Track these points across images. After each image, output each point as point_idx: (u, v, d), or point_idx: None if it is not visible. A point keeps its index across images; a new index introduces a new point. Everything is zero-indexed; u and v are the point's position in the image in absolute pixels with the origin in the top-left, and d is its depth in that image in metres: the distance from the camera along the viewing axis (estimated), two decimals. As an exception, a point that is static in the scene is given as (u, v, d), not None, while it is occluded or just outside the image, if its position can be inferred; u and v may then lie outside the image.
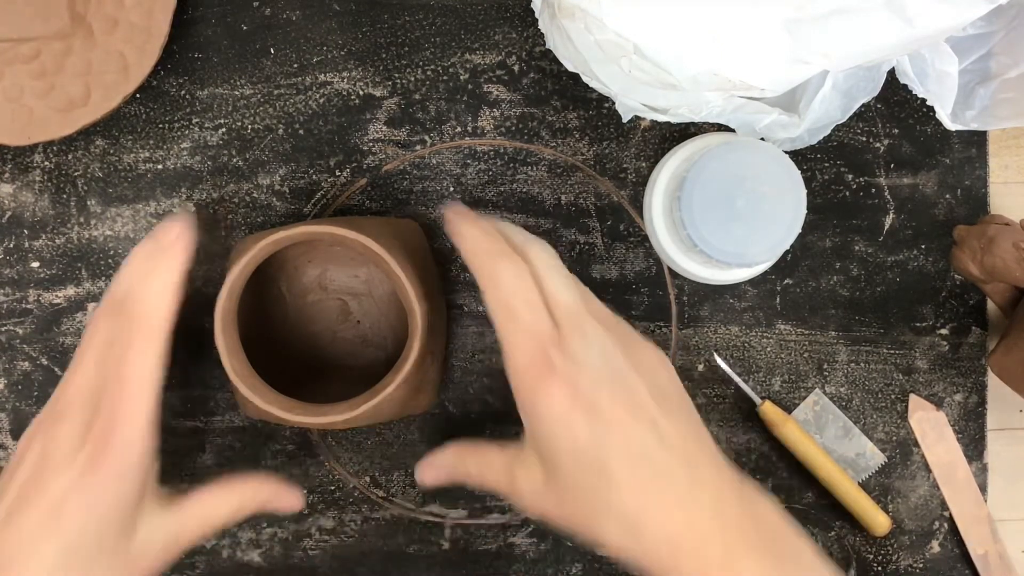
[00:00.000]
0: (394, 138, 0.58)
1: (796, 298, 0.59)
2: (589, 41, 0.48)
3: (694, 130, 0.58)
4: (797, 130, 0.51)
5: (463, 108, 0.58)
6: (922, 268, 0.59)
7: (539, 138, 0.58)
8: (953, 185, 0.59)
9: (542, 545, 0.59)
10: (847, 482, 0.58)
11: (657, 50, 0.46)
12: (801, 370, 0.59)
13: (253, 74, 0.58)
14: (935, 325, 0.60)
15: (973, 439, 0.60)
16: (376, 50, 0.58)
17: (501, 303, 0.45)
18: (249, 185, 0.58)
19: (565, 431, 0.43)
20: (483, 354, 0.59)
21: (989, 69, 0.55)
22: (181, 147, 0.58)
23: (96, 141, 0.58)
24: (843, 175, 0.59)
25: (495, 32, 0.58)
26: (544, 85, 0.58)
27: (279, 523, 0.58)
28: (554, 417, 0.43)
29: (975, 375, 0.60)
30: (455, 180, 0.58)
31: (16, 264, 0.58)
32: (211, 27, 0.58)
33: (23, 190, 0.57)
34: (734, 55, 0.45)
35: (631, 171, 0.59)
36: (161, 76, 0.58)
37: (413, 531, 0.59)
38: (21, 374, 0.58)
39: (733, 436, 0.59)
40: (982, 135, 0.59)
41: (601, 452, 0.43)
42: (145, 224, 0.58)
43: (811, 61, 0.45)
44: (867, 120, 0.59)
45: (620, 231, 0.59)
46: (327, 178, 0.58)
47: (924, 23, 0.44)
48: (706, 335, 0.59)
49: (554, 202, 0.59)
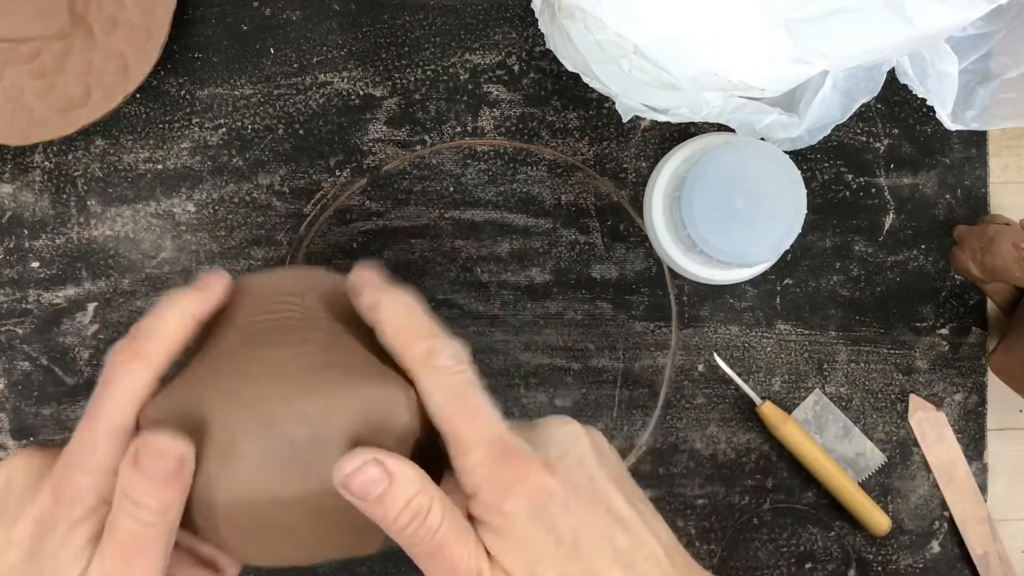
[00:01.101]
0: (394, 138, 0.58)
1: (796, 298, 0.59)
2: (589, 41, 0.48)
3: (694, 130, 0.58)
4: (797, 130, 0.51)
5: (463, 108, 0.58)
6: (922, 268, 0.59)
7: (539, 138, 0.58)
8: (953, 185, 0.59)
9: (542, 545, 0.59)
10: (847, 482, 0.58)
11: (657, 50, 0.46)
12: (801, 370, 0.59)
13: (253, 74, 0.58)
14: (935, 325, 0.60)
15: (973, 439, 0.60)
16: (376, 50, 0.58)
17: (451, 392, 0.38)
18: (249, 185, 0.58)
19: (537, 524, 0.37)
20: (482, 354, 0.59)
21: (989, 69, 0.55)
22: (181, 147, 0.58)
23: (96, 141, 0.58)
24: (843, 175, 0.59)
25: (495, 32, 0.58)
26: (544, 85, 0.58)
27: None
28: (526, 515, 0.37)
29: (975, 375, 0.60)
30: (455, 180, 0.58)
31: (16, 264, 0.58)
32: (211, 27, 0.58)
33: (23, 190, 0.58)
34: (734, 55, 0.45)
35: (631, 171, 0.59)
36: (161, 76, 0.58)
37: (413, 531, 0.59)
38: (21, 374, 0.58)
39: (733, 436, 0.59)
40: (982, 135, 0.59)
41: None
42: (145, 224, 0.58)
43: (811, 61, 0.45)
44: (867, 120, 0.59)
45: (620, 231, 0.59)
46: (327, 178, 0.58)
47: (924, 23, 0.44)
48: (706, 335, 0.59)
49: (554, 202, 0.59)
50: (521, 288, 0.59)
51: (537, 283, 0.59)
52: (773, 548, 0.59)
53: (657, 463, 0.59)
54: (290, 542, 0.40)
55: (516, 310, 0.59)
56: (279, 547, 0.40)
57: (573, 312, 0.59)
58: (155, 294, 0.58)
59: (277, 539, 0.39)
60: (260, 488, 0.38)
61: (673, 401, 0.59)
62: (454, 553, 0.37)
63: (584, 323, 0.59)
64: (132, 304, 0.58)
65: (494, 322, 0.59)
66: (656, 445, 0.59)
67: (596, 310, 0.59)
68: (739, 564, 0.59)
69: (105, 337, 0.58)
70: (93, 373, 0.58)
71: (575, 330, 0.59)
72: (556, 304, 0.59)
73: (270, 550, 0.40)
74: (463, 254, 0.58)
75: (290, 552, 0.40)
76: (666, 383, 0.59)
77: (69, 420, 0.57)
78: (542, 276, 0.59)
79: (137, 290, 0.58)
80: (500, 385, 0.59)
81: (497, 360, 0.59)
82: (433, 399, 0.38)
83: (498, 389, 0.59)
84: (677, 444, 0.59)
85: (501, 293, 0.59)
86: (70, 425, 0.57)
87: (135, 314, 0.58)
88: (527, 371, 0.59)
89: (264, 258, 0.58)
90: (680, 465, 0.59)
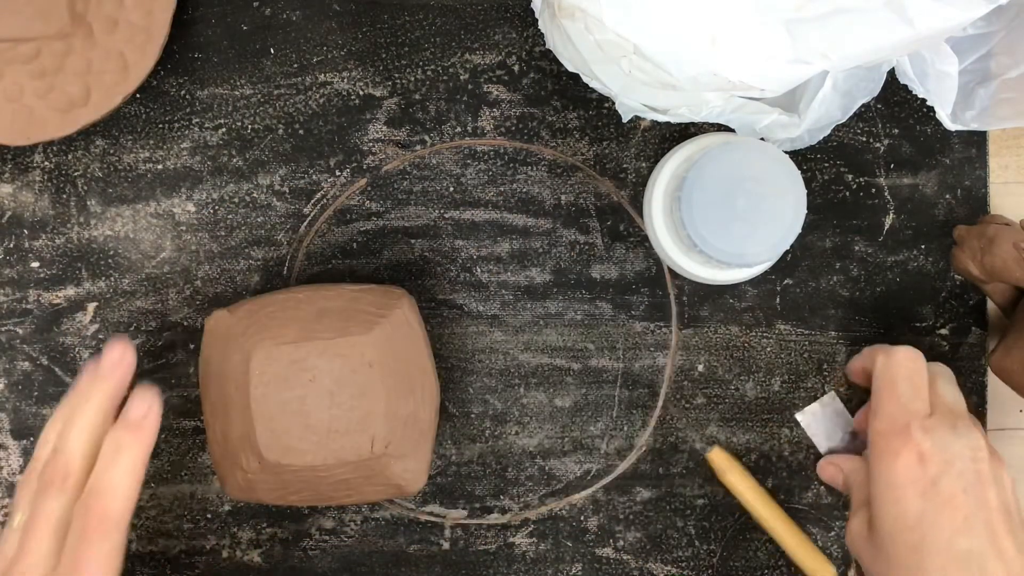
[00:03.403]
0: (394, 138, 0.58)
1: (796, 298, 0.59)
2: (589, 41, 0.48)
3: (694, 130, 0.58)
4: (797, 130, 0.51)
5: (463, 108, 0.58)
6: (922, 268, 0.59)
7: (539, 138, 0.58)
8: (953, 185, 0.59)
9: (542, 545, 0.59)
10: (793, 530, 0.58)
11: (657, 50, 0.46)
12: (801, 370, 0.59)
13: (253, 74, 0.58)
14: (935, 325, 0.60)
15: (973, 439, 0.60)
16: (376, 50, 0.58)
17: (887, 372, 0.50)
18: (249, 185, 0.58)
19: (897, 501, 0.46)
20: (483, 354, 0.59)
21: (989, 69, 0.55)
22: (181, 147, 0.58)
23: (96, 141, 0.58)
24: (843, 175, 0.59)
25: (495, 32, 0.58)
26: (544, 85, 0.58)
27: (279, 523, 0.58)
28: (892, 484, 0.46)
29: (975, 375, 0.60)
30: (455, 180, 0.58)
31: (16, 264, 0.58)
32: (211, 27, 0.58)
33: (23, 190, 0.57)
34: (734, 55, 0.45)
35: (631, 171, 0.59)
36: (161, 76, 0.58)
37: (413, 531, 0.59)
38: (21, 374, 0.58)
39: (733, 436, 0.59)
40: (982, 135, 0.59)
41: (923, 538, 0.45)
42: (145, 224, 0.58)
43: (811, 61, 0.45)
44: (867, 120, 0.59)
45: (620, 231, 0.59)
46: (327, 178, 0.58)
47: (924, 23, 0.44)
48: (706, 335, 0.59)
49: (554, 202, 0.59)
50: (521, 288, 0.59)
51: (537, 283, 0.59)
52: (773, 548, 0.59)
53: (657, 463, 0.59)
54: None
55: (516, 310, 0.59)
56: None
57: (573, 312, 0.59)
58: (155, 294, 0.58)
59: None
60: None
61: (673, 401, 0.59)
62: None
63: (584, 323, 0.59)
64: (132, 304, 0.58)
65: (494, 322, 0.59)
66: (656, 445, 0.59)
67: (596, 310, 0.59)
68: (739, 564, 0.59)
69: (105, 337, 0.58)
70: (93, 373, 0.58)
71: (575, 330, 0.59)
72: (556, 304, 0.59)
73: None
74: (463, 254, 0.59)
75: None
76: (666, 383, 0.59)
77: (69, 420, 0.58)
78: (542, 276, 0.59)
79: (137, 290, 0.58)
80: (500, 385, 0.59)
81: (497, 360, 0.59)
82: (875, 372, 0.53)
83: (498, 389, 0.59)
84: (677, 444, 0.59)
85: (501, 293, 0.59)
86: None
87: (135, 314, 0.58)
88: (527, 371, 0.59)
89: (264, 258, 0.58)
90: (680, 465, 0.59)
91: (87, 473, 0.45)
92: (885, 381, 0.50)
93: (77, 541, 0.43)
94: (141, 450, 0.46)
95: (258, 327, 0.51)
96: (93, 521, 0.44)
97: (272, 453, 0.50)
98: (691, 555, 0.59)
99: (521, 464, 0.59)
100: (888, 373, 0.51)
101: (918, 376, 0.50)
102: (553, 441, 0.59)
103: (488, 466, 0.59)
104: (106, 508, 0.44)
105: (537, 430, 0.59)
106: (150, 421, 0.46)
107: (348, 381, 0.50)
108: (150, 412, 0.46)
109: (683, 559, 0.59)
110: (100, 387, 0.46)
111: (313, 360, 0.50)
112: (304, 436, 0.50)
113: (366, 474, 0.51)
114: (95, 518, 0.44)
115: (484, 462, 0.59)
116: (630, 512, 0.59)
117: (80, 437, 0.45)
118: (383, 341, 0.51)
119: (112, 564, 0.44)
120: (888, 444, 0.48)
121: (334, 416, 0.50)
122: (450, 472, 0.59)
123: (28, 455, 0.57)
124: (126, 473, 0.45)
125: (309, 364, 0.50)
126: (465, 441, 0.59)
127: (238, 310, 0.52)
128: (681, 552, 0.59)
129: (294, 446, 0.50)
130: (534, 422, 0.59)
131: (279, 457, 0.50)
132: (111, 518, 0.44)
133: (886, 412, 0.49)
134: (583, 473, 0.59)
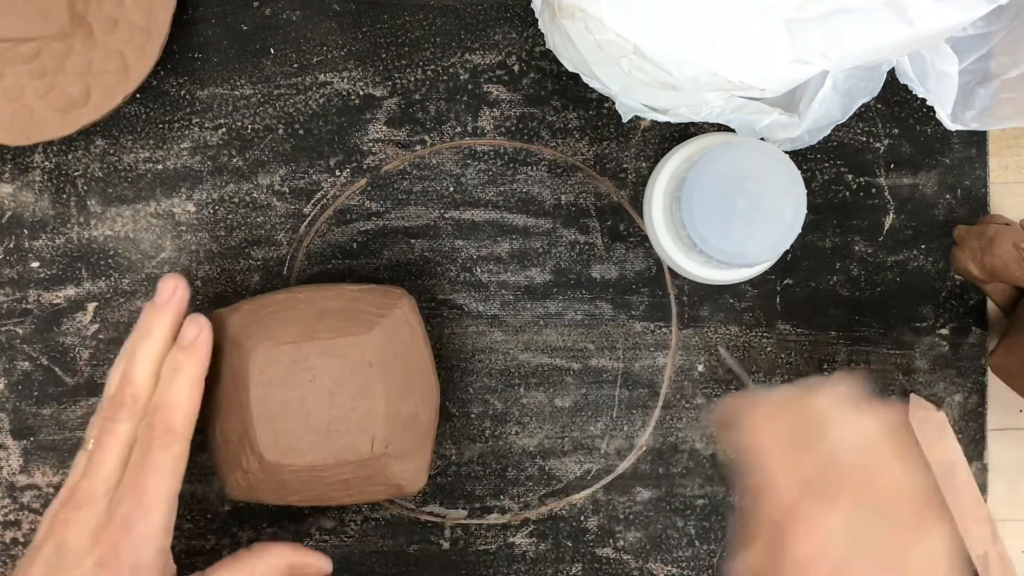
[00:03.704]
0: (394, 138, 0.58)
1: (796, 298, 0.59)
2: (589, 41, 0.48)
3: (694, 130, 0.58)
4: (797, 130, 0.51)
5: (463, 108, 0.58)
6: (922, 268, 0.59)
7: (539, 138, 0.58)
8: (953, 185, 0.59)
9: (542, 545, 0.59)
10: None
11: (657, 50, 0.46)
12: (801, 370, 0.59)
13: (253, 74, 0.58)
14: (935, 325, 0.60)
15: (973, 439, 0.60)
16: (376, 50, 0.58)
17: (759, 445, 0.44)
18: (249, 185, 0.58)
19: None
20: (483, 354, 0.59)
21: (989, 69, 0.55)
22: (181, 147, 0.58)
23: (96, 141, 0.58)
24: (843, 175, 0.59)
25: (495, 32, 0.58)
26: (544, 85, 0.58)
27: (279, 523, 0.58)
28: (797, 560, 0.41)
29: (975, 375, 0.60)
30: (455, 180, 0.58)
31: (16, 264, 0.58)
32: (211, 27, 0.58)
33: (23, 190, 0.58)
34: (734, 55, 0.45)
35: (631, 171, 0.59)
36: (161, 76, 0.58)
37: (413, 531, 0.59)
38: (21, 374, 0.58)
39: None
40: (982, 135, 0.59)
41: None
42: (145, 224, 0.58)
43: (811, 61, 0.45)
44: (867, 120, 0.59)
45: (620, 231, 0.59)
46: (327, 178, 0.58)
47: (924, 23, 0.44)
48: (706, 335, 0.59)
49: (554, 202, 0.59)
50: (521, 288, 0.59)
51: (537, 283, 0.59)
52: (773, 548, 0.59)
53: (657, 463, 0.59)
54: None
55: (516, 310, 0.59)
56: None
57: (573, 312, 0.59)
58: (154, 294, 0.58)
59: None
60: None
61: (673, 401, 0.59)
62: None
63: (584, 323, 0.59)
64: (132, 304, 0.58)
65: (494, 322, 0.59)
66: (656, 445, 0.59)
67: (596, 310, 0.59)
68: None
69: (105, 337, 0.58)
70: (93, 373, 0.58)
71: (575, 330, 0.59)
72: (556, 304, 0.59)
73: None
74: (463, 254, 0.59)
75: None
76: (666, 383, 0.59)
77: (69, 420, 0.57)
78: (542, 276, 0.59)
79: (137, 290, 0.58)
80: (500, 385, 0.59)
81: (497, 360, 0.59)
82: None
83: (498, 389, 0.59)
84: (677, 444, 0.59)
85: (501, 293, 0.59)
86: (70, 425, 0.58)
87: (135, 314, 0.57)
88: (527, 371, 0.59)
89: (264, 258, 0.58)
90: (680, 465, 0.59)
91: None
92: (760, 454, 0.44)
93: (141, 454, 0.47)
94: (197, 367, 0.49)
95: (258, 327, 0.51)
96: (157, 432, 0.47)
97: (272, 453, 0.50)
98: (691, 555, 0.59)
99: (521, 464, 0.59)
100: (759, 445, 0.44)
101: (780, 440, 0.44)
102: (553, 441, 0.59)
103: (488, 466, 0.59)
104: (168, 420, 0.48)
105: (537, 430, 0.59)
106: (202, 339, 0.49)
107: (348, 381, 0.50)
108: (202, 332, 0.49)
109: (683, 559, 0.59)
110: (159, 319, 0.50)
111: (313, 360, 0.50)
112: (304, 436, 0.50)
113: (366, 474, 0.51)
114: (159, 429, 0.47)
115: (484, 462, 0.59)
116: (630, 512, 0.59)
117: (145, 366, 0.49)
118: (383, 341, 0.51)
119: (174, 472, 0.47)
120: (787, 522, 0.42)
121: (334, 416, 0.50)
122: (450, 472, 0.59)
123: (28, 455, 0.57)
124: (185, 388, 0.48)
125: (309, 364, 0.50)
126: (465, 441, 0.59)
127: (238, 310, 0.52)
128: (681, 552, 0.59)
129: (294, 446, 0.50)
130: (534, 422, 0.59)
131: (279, 457, 0.50)
132: (174, 429, 0.48)
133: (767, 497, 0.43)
134: (583, 473, 0.59)
